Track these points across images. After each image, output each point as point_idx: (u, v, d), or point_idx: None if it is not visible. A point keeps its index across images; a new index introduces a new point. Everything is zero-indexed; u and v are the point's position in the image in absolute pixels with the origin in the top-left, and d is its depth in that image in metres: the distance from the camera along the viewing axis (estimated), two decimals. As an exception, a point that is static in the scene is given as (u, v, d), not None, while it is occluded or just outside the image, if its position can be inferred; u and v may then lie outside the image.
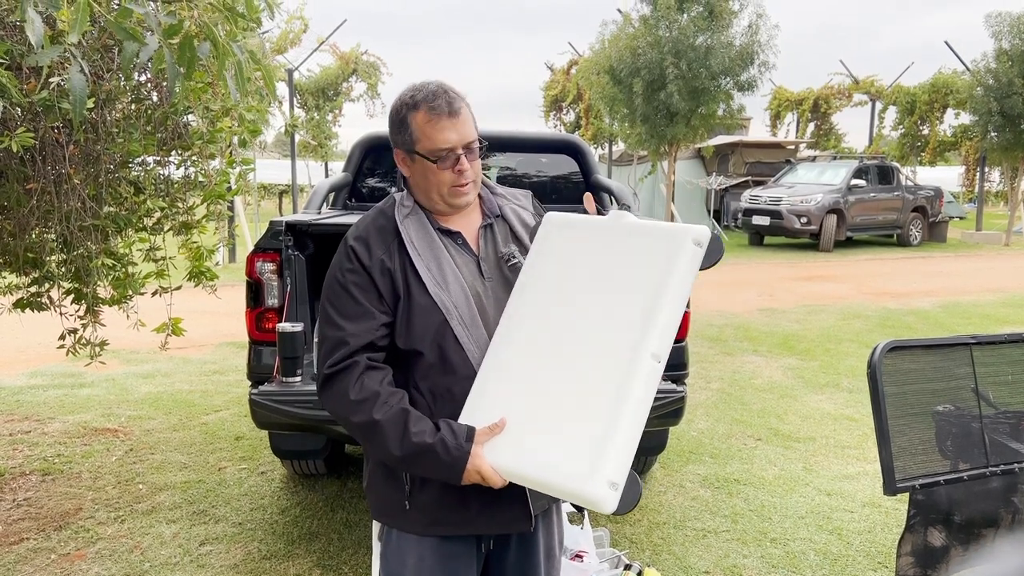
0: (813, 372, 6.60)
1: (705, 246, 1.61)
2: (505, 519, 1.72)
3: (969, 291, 11.15)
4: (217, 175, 3.43)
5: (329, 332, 1.70)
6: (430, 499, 1.70)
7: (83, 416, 5.24)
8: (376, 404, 1.62)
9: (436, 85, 1.70)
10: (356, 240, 1.72)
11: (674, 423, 3.57)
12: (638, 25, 15.55)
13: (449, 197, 1.73)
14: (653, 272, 1.60)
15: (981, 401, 2.68)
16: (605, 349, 1.58)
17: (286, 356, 3.22)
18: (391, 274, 1.68)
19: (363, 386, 1.63)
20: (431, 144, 1.68)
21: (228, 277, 6.58)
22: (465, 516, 1.70)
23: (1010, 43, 16.76)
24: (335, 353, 1.66)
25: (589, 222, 1.74)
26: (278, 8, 2.83)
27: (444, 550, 1.73)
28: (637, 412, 1.54)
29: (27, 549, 3.43)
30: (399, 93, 1.74)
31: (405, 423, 1.60)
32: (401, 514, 1.74)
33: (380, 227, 1.73)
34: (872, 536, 3.62)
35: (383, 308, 1.68)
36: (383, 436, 1.61)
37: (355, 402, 1.63)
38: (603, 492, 1.49)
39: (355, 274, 1.69)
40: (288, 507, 3.88)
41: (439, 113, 1.67)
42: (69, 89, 1.62)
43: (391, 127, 1.75)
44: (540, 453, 1.56)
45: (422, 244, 1.71)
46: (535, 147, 5.29)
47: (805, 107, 26.08)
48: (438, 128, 1.67)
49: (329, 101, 20.67)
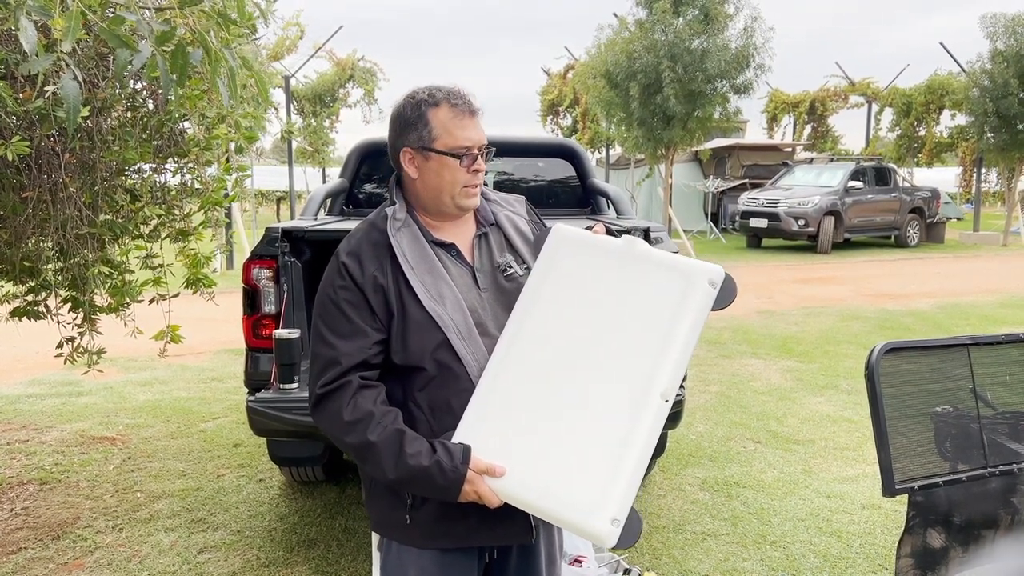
0: (812, 374, 6.60)
1: (719, 287, 1.62)
2: (506, 532, 1.71)
3: (967, 292, 11.16)
4: (214, 182, 3.42)
5: (321, 350, 1.68)
6: (430, 514, 1.69)
7: (81, 424, 5.23)
8: (371, 425, 1.60)
9: (454, 85, 1.70)
10: (348, 256, 1.70)
11: (672, 427, 3.57)
12: (634, 29, 15.56)
13: (460, 198, 1.71)
14: (666, 311, 1.61)
15: (979, 402, 2.67)
16: (615, 385, 1.59)
17: (283, 363, 3.21)
18: (384, 291, 1.66)
19: (356, 406, 1.62)
20: (453, 141, 1.67)
21: (226, 284, 6.57)
22: (466, 529, 1.69)
23: (1005, 44, 16.80)
24: (327, 372, 1.65)
25: (601, 244, 1.71)
26: (273, 15, 2.84)
27: (445, 561, 1.72)
28: (643, 452, 1.56)
29: (25, 558, 3.42)
30: (407, 93, 1.72)
31: (400, 444, 1.59)
32: (401, 528, 1.73)
33: (373, 242, 1.70)
34: (872, 538, 3.61)
35: (376, 325, 1.66)
36: (378, 457, 1.59)
37: (349, 423, 1.61)
38: (605, 528, 1.52)
39: (347, 291, 1.67)
40: (287, 514, 3.87)
41: (462, 111, 1.67)
42: (63, 97, 1.62)
43: (398, 126, 1.71)
44: (543, 482, 1.56)
45: (416, 258, 1.69)
46: (532, 152, 5.29)
47: (801, 109, 26.10)
48: (461, 125, 1.67)
49: (326, 107, 20.70)
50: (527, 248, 1.82)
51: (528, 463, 1.58)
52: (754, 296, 10.80)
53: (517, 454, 1.59)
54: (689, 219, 19.71)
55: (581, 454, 1.56)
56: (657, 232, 3.57)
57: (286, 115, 17.48)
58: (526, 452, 1.59)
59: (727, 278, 1.63)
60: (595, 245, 1.72)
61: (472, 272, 1.75)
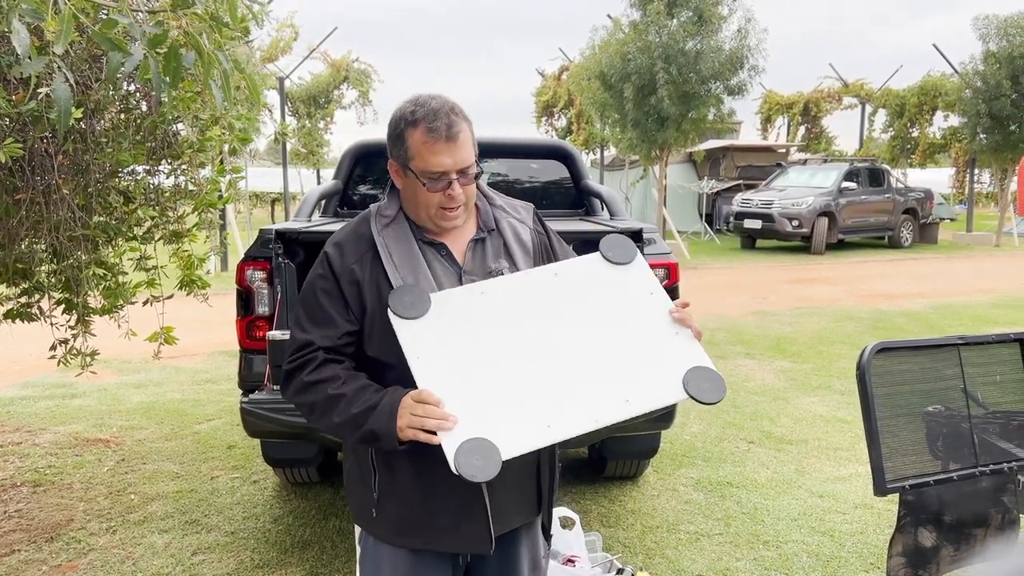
0: (805, 374, 6.62)
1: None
2: (467, 539, 1.71)
3: (960, 292, 11.20)
4: (207, 183, 3.42)
5: (296, 333, 1.73)
6: (392, 511, 1.71)
7: (74, 426, 5.22)
8: (334, 382, 1.64)
9: (440, 103, 1.65)
10: (333, 246, 1.73)
11: (666, 427, 3.58)
12: (628, 31, 15.60)
13: (436, 218, 1.71)
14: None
15: (970, 401, 2.69)
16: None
17: (277, 364, 3.21)
18: (359, 285, 1.68)
19: (319, 370, 1.66)
20: (424, 165, 1.64)
21: (220, 286, 6.56)
22: (431, 531, 1.70)
23: (998, 45, 16.87)
24: (296, 353, 1.70)
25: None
26: (267, 17, 2.84)
27: (418, 560, 1.73)
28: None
29: (18, 561, 3.41)
30: (402, 103, 1.71)
31: (358, 391, 1.63)
32: (371, 521, 1.75)
33: (360, 235, 1.73)
34: (864, 537, 3.63)
35: (349, 317, 1.69)
36: (334, 406, 1.63)
37: (310, 383, 1.66)
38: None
39: (325, 280, 1.71)
40: (281, 516, 3.87)
41: (437, 136, 1.62)
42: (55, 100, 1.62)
43: (389, 137, 1.72)
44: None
45: (400, 255, 1.70)
46: (525, 153, 5.29)
47: (795, 111, 26.18)
48: (433, 151, 1.63)
49: (320, 109, 20.69)
50: (524, 257, 1.80)
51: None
52: (748, 297, 10.83)
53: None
54: (683, 220, 19.74)
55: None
56: (650, 233, 3.59)
57: (280, 117, 17.47)
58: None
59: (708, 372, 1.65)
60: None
61: (459, 274, 1.74)
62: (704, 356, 1.67)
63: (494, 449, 1.49)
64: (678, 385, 1.61)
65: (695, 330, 1.69)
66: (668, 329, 1.69)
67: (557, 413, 1.56)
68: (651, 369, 1.63)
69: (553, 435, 1.55)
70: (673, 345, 1.67)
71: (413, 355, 1.59)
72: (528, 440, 1.53)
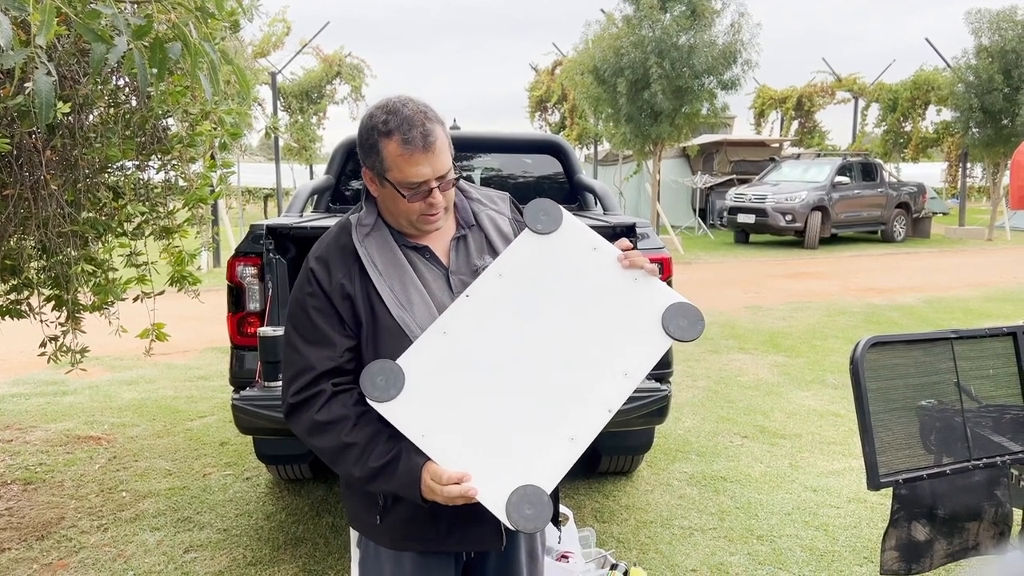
0: (799, 369, 6.62)
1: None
2: (476, 537, 1.69)
3: (952, 286, 11.24)
4: (198, 179, 3.39)
5: (291, 356, 1.66)
6: (400, 517, 1.68)
7: (65, 424, 5.19)
8: (345, 427, 1.60)
9: (412, 110, 1.59)
10: (317, 261, 1.67)
11: (659, 422, 3.57)
12: (621, 25, 15.56)
13: (419, 223, 1.67)
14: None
15: (963, 395, 2.69)
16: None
17: (268, 360, 3.20)
18: (352, 299, 1.64)
19: (330, 410, 1.61)
20: (403, 177, 1.60)
21: (212, 282, 6.54)
22: (436, 534, 1.68)
23: (990, 39, 16.89)
24: (298, 380, 1.64)
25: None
26: (257, 10, 2.82)
27: (422, 562, 1.71)
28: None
29: (9, 559, 3.39)
30: (370, 108, 1.65)
31: (372, 442, 1.59)
32: (373, 528, 1.72)
33: (342, 246, 1.68)
34: (858, 531, 3.63)
35: (346, 332, 1.65)
36: (348, 457, 1.60)
37: (322, 423, 1.61)
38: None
39: (315, 298, 1.65)
40: (273, 512, 3.86)
41: (413, 147, 1.57)
42: (35, 93, 1.60)
43: (360, 145, 1.65)
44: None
45: (385, 264, 1.66)
46: (518, 148, 5.28)
47: (789, 105, 26.19)
48: (411, 162, 1.58)
49: (313, 104, 20.60)
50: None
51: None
52: (742, 291, 10.84)
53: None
54: (677, 215, 19.75)
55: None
56: (643, 228, 3.57)
57: (272, 112, 17.39)
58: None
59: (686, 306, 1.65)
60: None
61: (446, 275, 1.71)
62: (670, 292, 1.66)
63: (538, 491, 1.49)
64: (660, 333, 1.61)
65: (648, 268, 1.67)
66: (624, 280, 1.65)
67: (572, 422, 1.55)
68: (630, 331, 1.62)
69: (579, 445, 1.54)
70: (637, 295, 1.64)
71: (417, 434, 1.55)
72: (561, 463, 1.53)
